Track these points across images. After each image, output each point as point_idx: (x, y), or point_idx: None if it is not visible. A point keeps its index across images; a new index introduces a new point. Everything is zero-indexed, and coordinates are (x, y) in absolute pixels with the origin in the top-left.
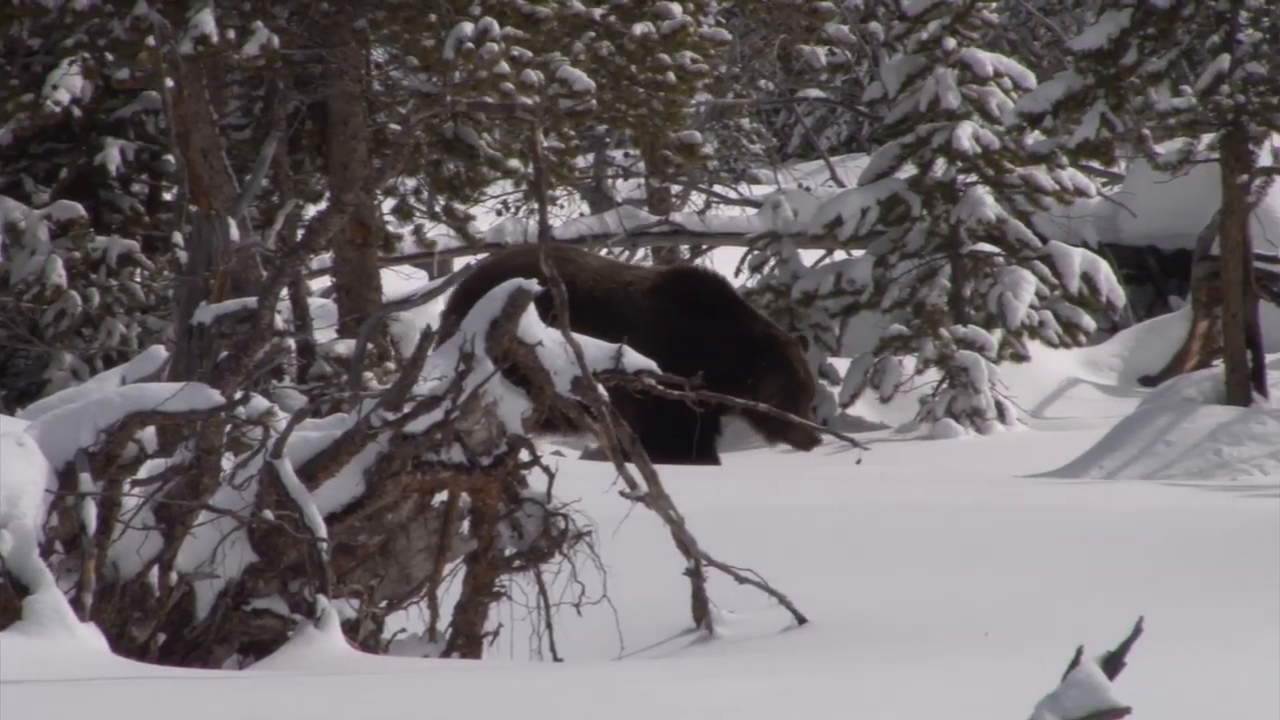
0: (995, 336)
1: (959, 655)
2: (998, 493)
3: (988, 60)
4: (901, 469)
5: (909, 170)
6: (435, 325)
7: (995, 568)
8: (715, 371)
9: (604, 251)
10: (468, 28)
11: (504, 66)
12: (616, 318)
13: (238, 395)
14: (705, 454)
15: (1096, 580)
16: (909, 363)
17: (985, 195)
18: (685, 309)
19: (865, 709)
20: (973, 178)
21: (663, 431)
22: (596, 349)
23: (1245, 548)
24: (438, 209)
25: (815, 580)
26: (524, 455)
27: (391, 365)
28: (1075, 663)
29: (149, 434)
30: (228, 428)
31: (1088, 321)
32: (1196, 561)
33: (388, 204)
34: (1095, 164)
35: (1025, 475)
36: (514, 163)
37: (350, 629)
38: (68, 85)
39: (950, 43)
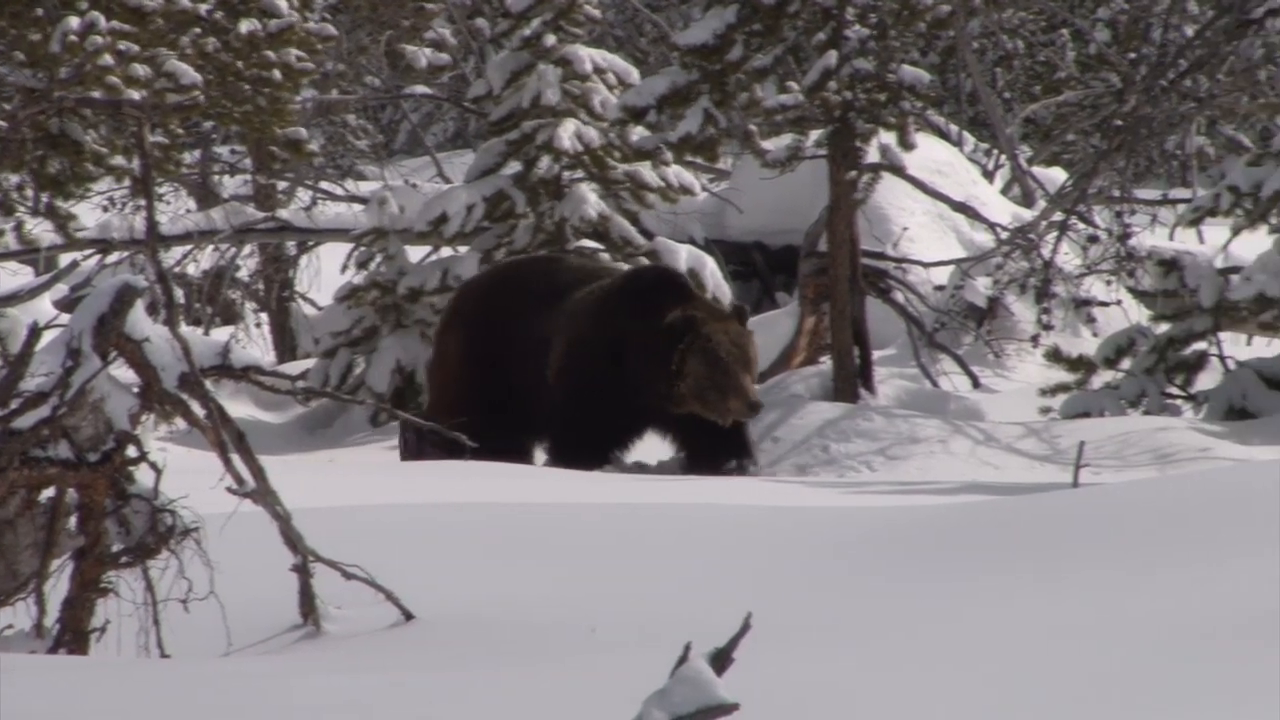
0: None
1: (567, 652)
2: (610, 488)
3: (588, 57)
4: (508, 464)
5: (514, 167)
6: (43, 321)
7: (605, 564)
8: (647, 365)
9: (210, 249)
10: (74, 21)
11: (110, 61)
12: (579, 317)
13: None
14: (588, 456)
15: (705, 577)
16: None
17: (588, 192)
18: (630, 306)
19: (472, 705)
20: (578, 174)
21: (568, 433)
22: (204, 345)
23: (853, 545)
24: (41, 206)
25: (423, 576)
26: (131, 451)
27: None
28: (683, 659)
29: None
30: None
31: None
32: (805, 558)
33: None
34: (702, 160)
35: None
36: (119, 159)
37: None
38: None
39: (551, 39)
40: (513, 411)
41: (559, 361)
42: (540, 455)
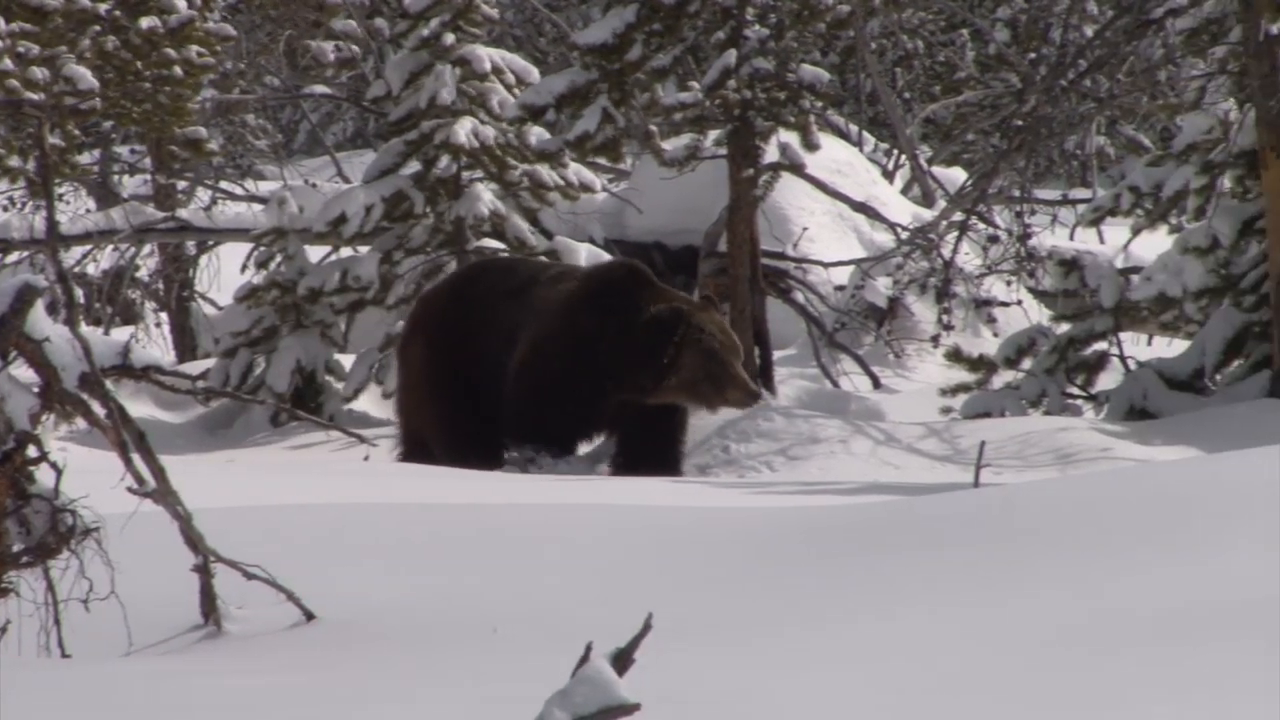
0: None
1: (469, 652)
2: (511, 488)
3: (486, 56)
4: (409, 464)
5: (413, 167)
6: None
7: (506, 564)
8: (629, 358)
9: (110, 249)
10: None
11: (9, 63)
12: (547, 313)
13: None
14: (553, 448)
15: (607, 577)
16: None
17: (484, 191)
18: (603, 300)
19: (372, 705)
20: (476, 174)
21: (535, 427)
22: (104, 345)
23: (754, 545)
24: None
25: (325, 576)
26: (32, 451)
27: None
28: (584, 659)
29: None
30: None
31: None
32: (707, 558)
33: None
34: (605, 160)
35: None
36: (15, 160)
37: None
38: None
39: (450, 39)
40: (487, 417)
41: (524, 356)
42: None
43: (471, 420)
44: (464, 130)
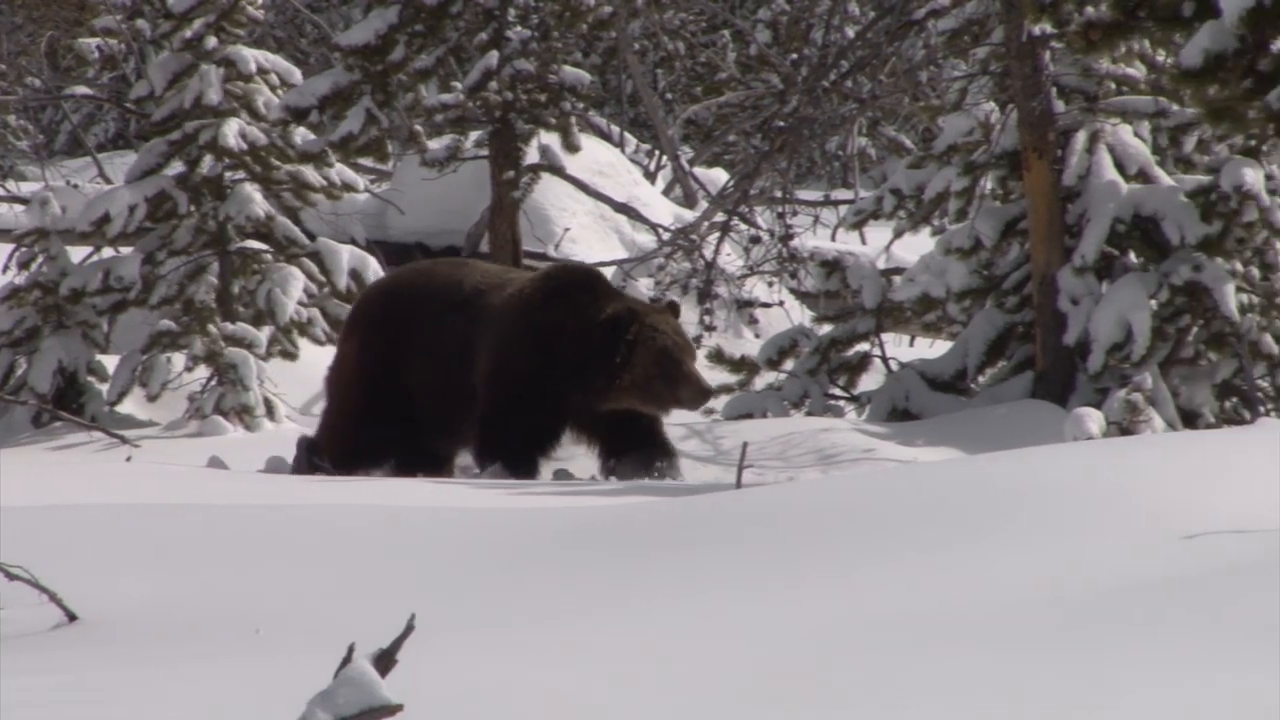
0: (264, 334)
1: (232, 652)
2: (277, 490)
3: (251, 57)
4: (172, 466)
5: (177, 167)
6: None
7: (270, 565)
8: (585, 360)
9: None
10: None
11: None
12: (503, 319)
13: None
14: (524, 457)
15: (371, 578)
16: (178, 360)
17: (253, 192)
18: (548, 304)
19: (132, 705)
20: (240, 175)
21: (505, 435)
22: None
23: (518, 545)
24: None
25: (88, 577)
26: None
27: None
28: (347, 660)
29: None
30: None
31: None
32: (471, 558)
33: None
34: (367, 160)
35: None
36: None
37: None
38: None
39: (214, 40)
40: (424, 419)
41: (488, 364)
42: (464, 461)
43: (380, 423)
44: (231, 131)
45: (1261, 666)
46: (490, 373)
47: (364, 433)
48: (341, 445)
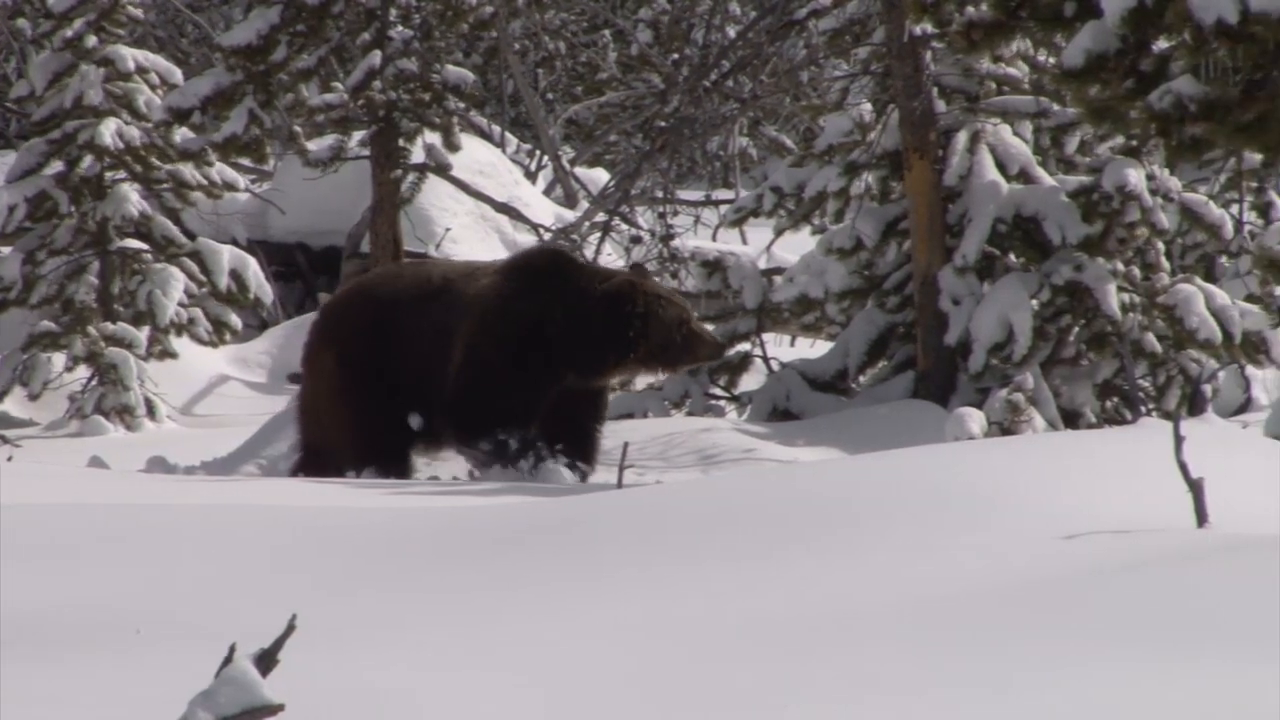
0: (144, 334)
1: (111, 652)
2: (156, 488)
3: (131, 57)
4: (53, 465)
5: (57, 167)
6: None
7: (150, 565)
8: (586, 339)
9: None
10: None
11: None
12: (480, 306)
13: None
14: (503, 441)
15: (253, 577)
16: (58, 359)
17: (129, 192)
18: (527, 287)
19: (12, 707)
20: (120, 174)
21: (484, 419)
22: None
23: (402, 545)
24: None
25: None
26: None
27: None
28: (228, 660)
29: None
30: None
31: (236, 319)
32: (354, 558)
33: None
34: (247, 160)
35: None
36: None
37: None
38: None
39: (94, 40)
40: (405, 424)
41: (464, 352)
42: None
43: (386, 430)
44: (109, 131)
45: (1140, 660)
46: (465, 361)
47: (378, 438)
48: (363, 459)
